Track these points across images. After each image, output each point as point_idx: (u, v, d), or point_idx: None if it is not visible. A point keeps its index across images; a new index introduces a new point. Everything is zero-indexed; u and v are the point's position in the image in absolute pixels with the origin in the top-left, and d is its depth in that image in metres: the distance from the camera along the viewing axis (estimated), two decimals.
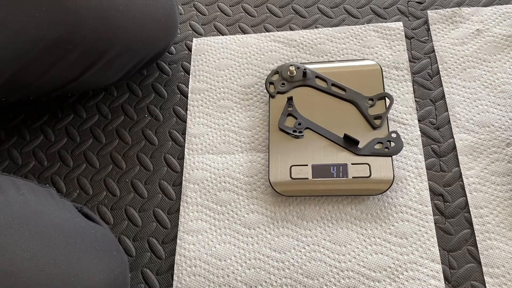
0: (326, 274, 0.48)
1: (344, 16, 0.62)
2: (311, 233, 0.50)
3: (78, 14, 0.45)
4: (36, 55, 0.46)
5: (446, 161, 0.52)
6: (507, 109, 0.53)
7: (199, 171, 0.55)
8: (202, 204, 0.53)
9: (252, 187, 0.53)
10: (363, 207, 0.50)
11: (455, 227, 0.48)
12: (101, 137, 0.59)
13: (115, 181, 0.56)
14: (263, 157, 0.54)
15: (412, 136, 0.53)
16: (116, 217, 0.55)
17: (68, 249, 0.39)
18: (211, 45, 0.63)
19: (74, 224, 0.43)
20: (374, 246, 0.48)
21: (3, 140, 0.61)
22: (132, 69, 0.56)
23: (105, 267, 0.41)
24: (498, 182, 0.49)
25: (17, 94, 0.52)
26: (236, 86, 0.60)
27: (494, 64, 0.55)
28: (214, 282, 0.49)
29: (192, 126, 0.58)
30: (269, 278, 0.49)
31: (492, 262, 0.46)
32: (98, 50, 0.49)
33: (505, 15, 0.58)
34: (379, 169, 0.49)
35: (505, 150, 0.51)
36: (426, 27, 0.59)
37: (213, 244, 0.51)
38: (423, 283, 0.46)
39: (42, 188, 0.45)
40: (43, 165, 0.59)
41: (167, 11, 0.54)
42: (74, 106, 0.62)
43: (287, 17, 0.63)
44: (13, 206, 0.39)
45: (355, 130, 0.52)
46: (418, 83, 0.56)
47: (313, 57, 0.60)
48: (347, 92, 0.54)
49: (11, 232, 0.36)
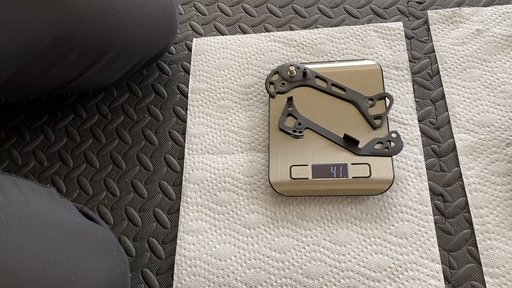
0: (326, 274, 0.48)
1: (344, 16, 0.62)
2: (311, 233, 0.50)
3: (78, 14, 0.45)
4: (35, 55, 0.46)
5: (446, 161, 0.52)
6: (507, 109, 0.53)
7: (199, 171, 0.55)
8: (202, 204, 0.53)
9: (252, 187, 0.53)
10: (363, 207, 0.50)
11: (455, 227, 0.48)
12: (101, 137, 0.59)
13: (115, 181, 0.56)
14: (263, 157, 0.54)
15: (412, 136, 0.53)
16: (116, 217, 0.55)
17: (69, 249, 0.39)
18: (211, 45, 0.63)
19: (75, 223, 0.43)
20: (374, 246, 0.48)
21: (3, 140, 0.61)
22: (132, 69, 0.56)
23: (105, 266, 0.41)
24: (498, 182, 0.49)
25: (17, 94, 0.52)
26: (236, 86, 0.60)
27: (494, 64, 0.56)
28: (214, 282, 0.49)
29: (192, 126, 0.58)
30: (269, 278, 0.49)
31: (492, 262, 0.46)
32: (97, 50, 0.49)
33: (505, 15, 0.58)
34: (379, 169, 0.49)
35: (505, 150, 0.51)
36: (426, 27, 0.59)
37: (213, 244, 0.51)
38: (423, 283, 0.46)
39: (43, 188, 0.45)
40: (43, 165, 0.59)
41: (167, 11, 0.54)
42: (74, 106, 0.62)
43: (287, 17, 0.63)
44: (14, 205, 0.39)
45: (355, 130, 0.52)
46: (418, 83, 0.56)
47: (313, 57, 0.60)
48: (347, 92, 0.54)
49: (12, 231, 0.36)
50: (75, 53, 0.48)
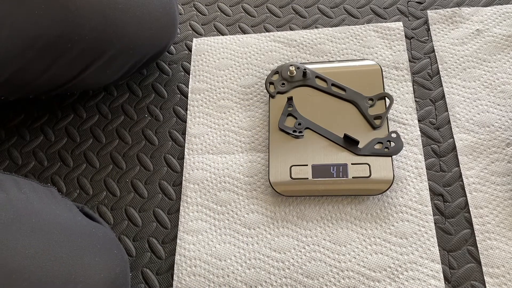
0: (326, 274, 0.48)
1: (344, 16, 0.62)
2: (311, 233, 0.50)
3: (78, 13, 0.45)
4: (35, 53, 0.46)
5: (446, 161, 0.52)
6: (507, 109, 0.53)
7: (199, 171, 0.55)
8: (202, 204, 0.53)
9: (252, 187, 0.53)
10: (363, 207, 0.50)
11: (455, 227, 0.48)
12: (101, 137, 0.59)
13: (115, 181, 0.56)
14: (263, 157, 0.54)
15: (412, 136, 0.53)
16: (116, 217, 0.55)
17: (70, 247, 0.39)
18: (211, 45, 0.63)
19: (76, 222, 0.43)
20: (374, 246, 0.48)
21: (3, 140, 0.61)
22: (132, 68, 0.56)
23: (106, 265, 0.41)
24: (498, 182, 0.49)
25: (17, 93, 0.52)
26: (236, 86, 0.60)
27: (494, 64, 0.56)
28: (214, 282, 0.49)
29: (192, 126, 0.58)
30: (269, 278, 0.49)
31: (492, 262, 0.46)
32: (97, 49, 0.49)
33: (505, 15, 0.58)
34: (379, 169, 0.49)
35: (505, 150, 0.51)
36: (426, 27, 0.59)
37: (213, 244, 0.51)
38: (423, 283, 0.46)
39: (44, 187, 0.45)
40: (43, 165, 0.59)
41: (167, 10, 0.54)
42: (74, 106, 0.62)
43: (287, 17, 0.63)
44: (15, 204, 0.39)
45: (355, 130, 0.52)
46: (418, 83, 0.56)
47: (313, 57, 0.60)
48: (347, 92, 0.54)
49: (13, 230, 0.37)
50: (74, 51, 0.48)
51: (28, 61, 0.46)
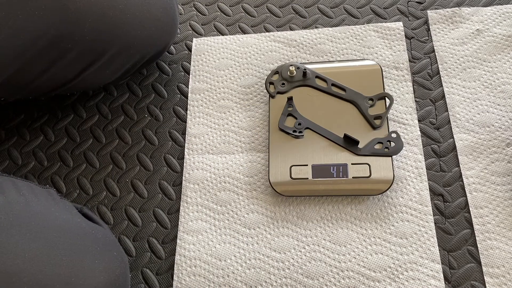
0: (326, 274, 0.48)
1: (344, 16, 0.62)
2: (311, 233, 0.50)
3: (78, 13, 0.45)
4: (35, 54, 0.46)
5: (446, 161, 0.52)
6: (507, 109, 0.53)
7: (199, 171, 0.55)
8: (202, 204, 0.53)
9: (252, 187, 0.53)
10: (363, 207, 0.50)
11: (455, 227, 0.48)
12: (101, 137, 0.59)
13: (115, 181, 0.56)
14: (263, 157, 0.54)
15: (412, 136, 0.53)
16: (116, 217, 0.55)
17: (69, 250, 0.39)
18: (211, 45, 0.63)
19: (75, 224, 0.43)
20: (374, 246, 0.48)
21: (3, 140, 0.61)
22: (132, 68, 0.56)
23: (105, 267, 0.41)
24: (498, 182, 0.49)
25: (17, 94, 0.52)
26: (236, 86, 0.60)
27: (494, 64, 0.56)
28: (214, 282, 0.49)
29: (192, 126, 0.58)
30: (269, 278, 0.49)
31: (492, 262, 0.46)
32: (97, 49, 0.49)
33: (505, 15, 0.58)
34: (379, 169, 0.49)
35: (505, 150, 0.51)
36: (426, 27, 0.59)
37: (213, 244, 0.51)
38: (423, 283, 0.46)
39: (42, 189, 0.45)
40: (43, 165, 0.59)
41: (167, 10, 0.54)
42: (74, 106, 0.62)
43: (287, 17, 0.63)
44: (13, 207, 0.39)
45: (355, 130, 0.52)
46: (418, 83, 0.56)
47: (313, 57, 0.60)
48: (347, 92, 0.54)
49: (12, 233, 0.36)
50: (74, 51, 0.48)
51: (28, 62, 0.46)
